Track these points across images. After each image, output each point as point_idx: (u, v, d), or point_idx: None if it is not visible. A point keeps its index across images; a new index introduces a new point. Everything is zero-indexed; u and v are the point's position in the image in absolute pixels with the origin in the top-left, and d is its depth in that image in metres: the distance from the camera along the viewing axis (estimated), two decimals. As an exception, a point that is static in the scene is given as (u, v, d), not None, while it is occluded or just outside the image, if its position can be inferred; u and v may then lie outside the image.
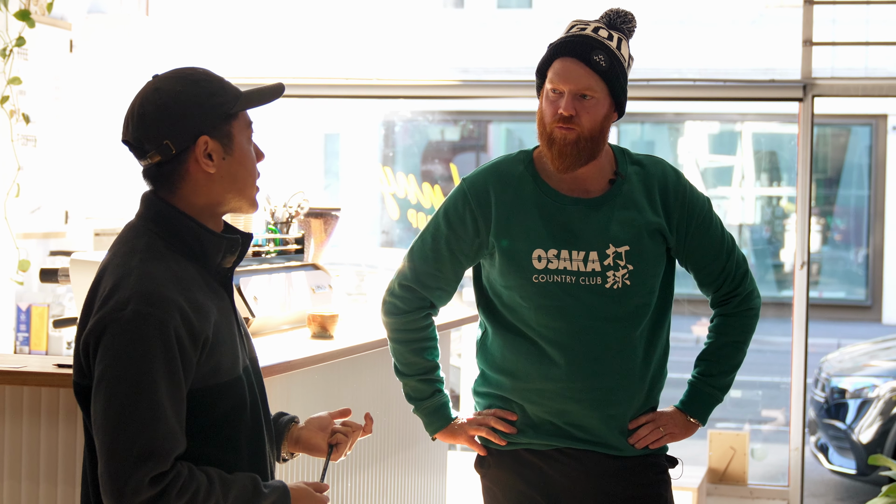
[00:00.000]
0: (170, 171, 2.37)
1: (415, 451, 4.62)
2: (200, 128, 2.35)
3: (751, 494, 6.07)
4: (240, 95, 2.41)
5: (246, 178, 2.42)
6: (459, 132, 12.48)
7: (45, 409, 3.24)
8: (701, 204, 3.11)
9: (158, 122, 2.35)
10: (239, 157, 2.41)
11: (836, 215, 14.52)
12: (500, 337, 3.09)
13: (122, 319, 2.23)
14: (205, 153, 2.36)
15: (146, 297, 2.25)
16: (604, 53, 2.97)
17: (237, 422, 2.39)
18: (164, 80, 2.39)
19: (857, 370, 7.67)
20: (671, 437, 3.13)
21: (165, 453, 2.21)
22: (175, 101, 2.35)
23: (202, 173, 2.37)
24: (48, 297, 5.49)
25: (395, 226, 8.21)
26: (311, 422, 2.70)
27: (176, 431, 2.24)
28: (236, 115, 2.40)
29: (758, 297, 3.22)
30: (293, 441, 2.68)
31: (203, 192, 2.39)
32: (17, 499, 3.25)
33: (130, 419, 2.20)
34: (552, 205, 3.03)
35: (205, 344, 2.31)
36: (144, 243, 2.35)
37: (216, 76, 2.43)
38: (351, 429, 2.71)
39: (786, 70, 6.25)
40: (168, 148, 2.35)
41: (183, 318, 2.27)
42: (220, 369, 2.34)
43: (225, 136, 2.38)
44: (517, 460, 3.10)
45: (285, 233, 4.50)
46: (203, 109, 2.35)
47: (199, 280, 2.37)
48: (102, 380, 2.23)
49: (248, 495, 2.33)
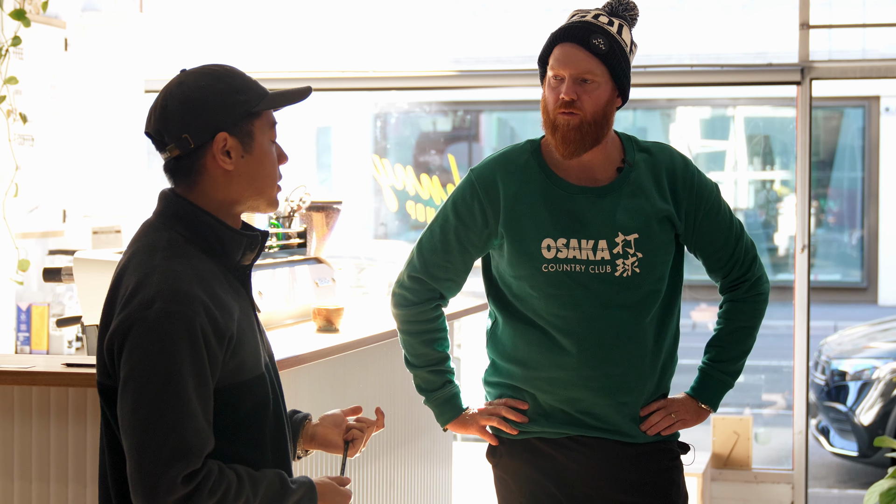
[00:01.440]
0: (188, 165, 2.36)
1: (420, 442, 4.62)
2: (219, 124, 2.34)
3: (755, 479, 6.08)
4: (265, 95, 2.39)
5: (265, 178, 2.40)
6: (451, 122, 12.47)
7: (54, 408, 3.23)
8: (709, 190, 3.11)
9: (179, 115, 2.33)
10: (259, 156, 2.38)
11: (830, 198, 14.54)
12: (511, 327, 3.09)
13: (149, 318, 2.22)
14: (223, 150, 2.35)
15: (172, 295, 2.23)
16: (603, 37, 2.97)
17: (262, 419, 2.38)
18: (190, 74, 2.37)
19: (856, 352, 7.68)
20: (683, 423, 3.13)
21: (197, 451, 2.20)
22: (197, 96, 2.33)
23: (220, 170, 2.36)
24: (48, 297, 5.48)
25: (393, 218, 8.20)
26: (325, 419, 2.69)
27: (205, 429, 2.23)
28: (259, 114, 2.38)
29: (767, 281, 3.22)
30: (308, 438, 2.67)
31: (221, 189, 2.37)
32: (28, 499, 3.24)
33: (161, 419, 2.19)
34: (560, 194, 3.02)
35: (230, 341, 2.30)
36: (166, 240, 2.33)
37: (243, 74, 2.41)
38: (365, 424, 2.71)
39: (779, 54, 6.24)
40: (187, 142, 2.33)
41: (208, 316, 2.25)
42: (244, 367, 2.33)
43: (245, 135, 2.36)
44: (529, 449, 3.10)
45: (287, 227, 4.49)
46: (223, 106, 2.34)
47: (220, 277, 2.35)
48: (130, 379, 2.21)
49: (275, 491, 2.32)
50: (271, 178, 2.41)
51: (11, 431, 3.25)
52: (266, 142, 2.40)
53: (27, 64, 5.42)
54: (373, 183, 8.27)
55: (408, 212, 7.47)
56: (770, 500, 6.05)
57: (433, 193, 7.31)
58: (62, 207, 5.75)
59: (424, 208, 7.30)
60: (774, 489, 6.05)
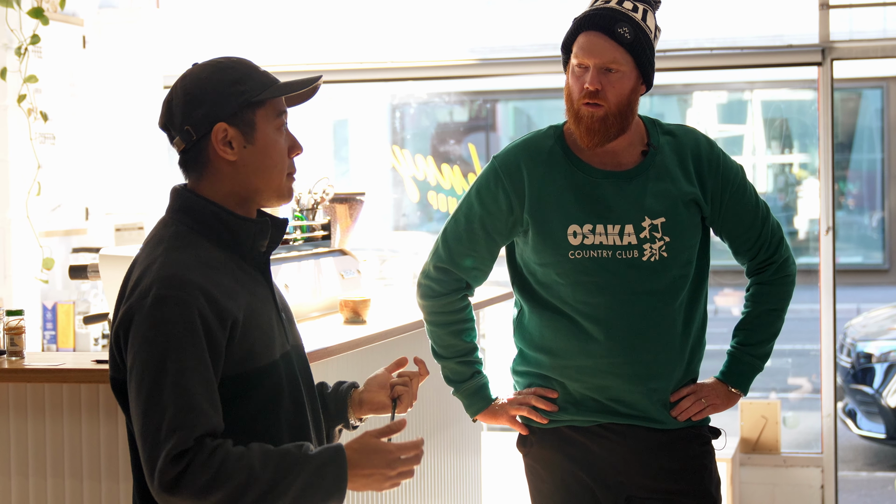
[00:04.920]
0: (194, 158, 2.37)
1: (449, 432, 4.61)
2: (217, 114, 2.34)
3: (784, 462, 6.06)
4: (269, 84, 2.38)
5: (270, 168, 2.39)
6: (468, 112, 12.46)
7: (85, 405, 3.23)
8: (735, 172, 3.09)
9: (181, 108, 2.35)
10: (262, 146, 2.37)
11: (850, 180, 14.48)
12: (538, 315, 3.08)
13: (146, 306, 2.23)
14: (223, 140, 2.35)
15: (166, 281, 2.24)
16: (628, 25, 2.94)
17: (277, 408, 2.36)
18: (196, 67, 2.39)
19: (882, 334, 7.65)
20: (713, 408, 3.11)
21: (187, 430, 2.17)
22: (196, 88, 2.35)
23: (223, 161, 2.36)
24: (73, 295, 5.49)
25: (414, 209, 8.18)
26: (369, 382, 2.66)
27: (203, 410, 2.20)
28: (263, 103, 2.37)
29: (793, 263, 3.20)
30: (357, 405, 2.65)
31: (226, 180, 2.38)
32: (62, 496, 3.25)
33: (157, 402, 2.19)
34: (585, 179, 3.01)
35: (234, 326, 2.28)
36: (171, 233, 2.35)
37: (249, 65, 2.40)
38: (409, 377, 2.67)
39: (796, 35, 6.20)
40: (189, 134, 2.35)
41: (207, 299, 2.25)
42: (253, 353, 2.32)
43: (246, 125, 2.36)
44: (560, 438, 3.09)
45: (311, 219, 4.48)
46: (221, 96, 2.34)
47: (230, 266, 2.35)
48: (133, 368, 2.23)
49: (291, 461, 2.24)
50: (278, 168, 2.40)
51: (43, 429, 3.25)
52: (270, 131, 2.39)
53: (46, 62, 5.43)
54: (392, 174, 8.26)
55: (429, 202, 7.46)
56: (800, 483, 6.03)
57: (454, 183, 7.30)
58: (84, 205, 5.76)
59: (446, 198, 7.29)
60: (804, 473, 6.03)
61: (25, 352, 3.36)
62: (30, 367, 3.23)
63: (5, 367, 3.24)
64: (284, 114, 2.42)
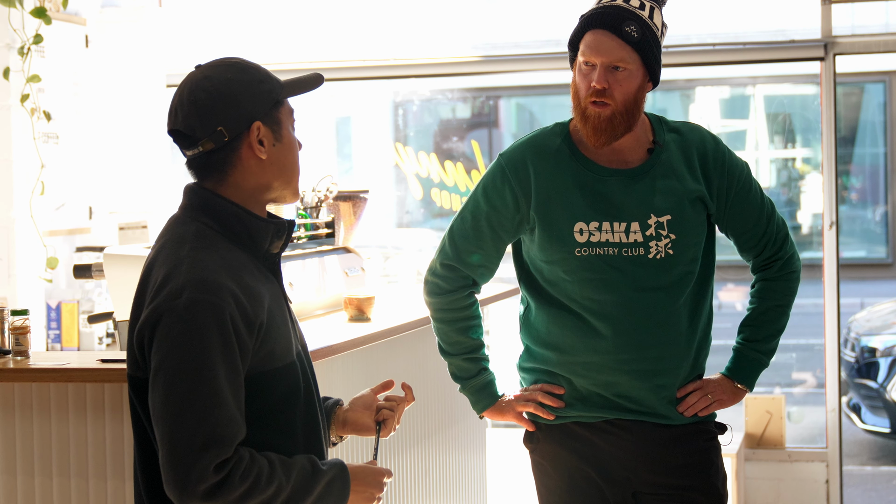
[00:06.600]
0: (222, 158, 2.37)
1: (454, 429, 4.61)
2: (254, 113, 2.35)
3: (789, 458, 6.06)
4: (283, 84, 2.41)
5: (293, 165, 2.43)
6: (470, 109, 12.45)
7: (90, 405, 3.23)
8: (740, 169, 3.09)
9: (212, 108, 2.34)
10: (287, 143, 2.41)
11: (853, 174, 14.46)
12: (544, 311, 3.08)
13: (178, 308, 2.23)
14: (258, 139, 2.36)
15: (200, 285, 2.24)
16: (635, 24, 2.94)
17: (293, 407, 2.39)
18: (212, 68, 2.38)
19: (886, 328, 7.65)
20: (719, 403, 3.12)
21: (228, 440, 2.21)
22: (228, 88, 2.35)
23: (254, 159, 2.37)
24: (77, 294, 5.49)
25: (417, 206, 8.19)
26: (355, 402, 2.69)
27: (237, 417, 2.24)
28: (283, 101, 2.41)
29: (798, 259, 3.20)
30: (340, 424, 2.67)
31: (252, 179, 2.39)
32: (68, 495, 3.25)
33: (192, 408, 2.19)
34: (591, 177, 3.01)
35: (260, 329, 2.30)
36: (193, 232, 2.35)
37: (258, 65, 2.44)
38: (395, 402, 2.71)
39: (798, 30, 6.20)
40: (221, 134, 2.34)
41: (237, 304, 2.26)
42: (274, 354, 2.34)
43: (275, 123, 2.39)
44: (566, 434, 3.09)
45: (315, 217, 4.48)
46: (255, 95, 2.36)
47: (249, 266, 2.36)
48: (161, 370, 2.22)
49: (308, 475, 2.33)
50: (297, 164, 2.44)
51: (48, 428, 3.26)
52: (290, 129, 2.43)
53: (49, 62, 5.43)
54: (395, 171, 8.26)
55: (433, 199, 7.46)
56: (804, 478, 6.03)
57: (457, 180, 7.30)
58: (88, 204, 5.76)
59: (450, 195, 7.29)
60: (809, 468, 6.03)
61: (30, 351, 3.36)
62: (35, 366, 3.23)
63: (10, 367, 3.24)
64: (293, 112, 2.45)
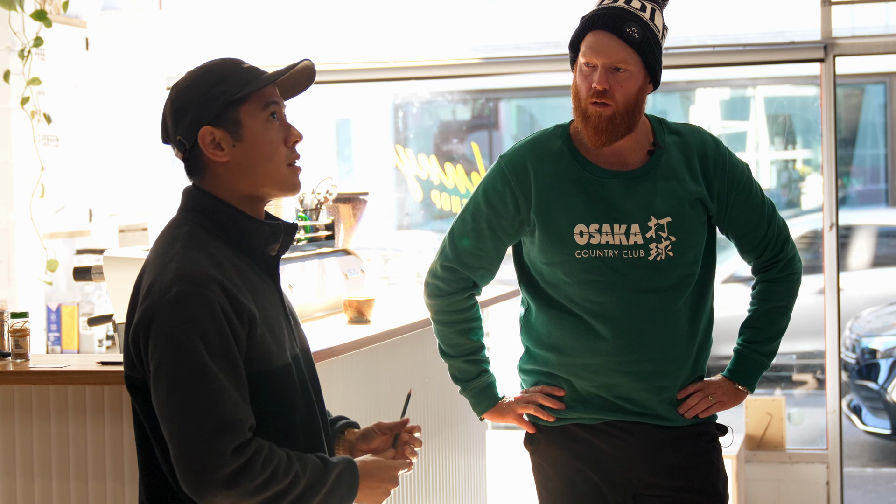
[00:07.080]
0: (193, 164, 2.39)
1: (454, 431, 4.61)
2: (200, 119, 2.35)
3: (790, 459, 6.05)
4: (251, 79, 2.37)
5: (264, 162, 2.38)
6: (470, 111, 12.45)
7: (90, 407, 3.23)
8: (741, 171, 3.09)
9: (171, 118, 2.39)
10: (251, 141, 2.37)
11: (853, 175, 14.45)
12: (545, 313, 3.08)
13: (168, 304, 2.23)
14: (212, 143, 2.36)
15: (187, 278, 2.25)
16: (637, 25, 2.94)
17: (291, 409, 2.38)
18: (187, 74, 2.42)
19: (886, 329, 7.64)
20: (720, 405, 3.12)
21: (239, 423, 2.21)
22: (178, 98, 2.38)
23: (216, 164, 2.37)
24: (77, 296, 5.50)
25: (417, 208, 8.19)
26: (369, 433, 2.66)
27: (241, 402, 2.23)
28: (245, 99, 2.37)
29: (799, 261, 3.20)
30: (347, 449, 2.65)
31: (225, 181, 2.39)
32: (67, 498, 3.25)
33: (197, 398, 2.19)
34: (592, 179, 3.01)
35: (251, 320, 2.30)
36: (185, 232, 2.36)
37: (233, 64, 2.41)
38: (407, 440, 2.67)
39: (798, 31, 6.20)
40: (182, 144, 2.37)
41: (225, 293, 2.26)
42: (270, 355, 2.33)
43: (231, 123, 2.36)
44: (567, 435, 3.09)
45: (315, 219, 4.48)
46: (202, 100, 2.35)
47: (241, 266, 2.36)
48: (160, 368, 2.22)
49: (319, 470, 2.33)
50: (273, 160, 2.39)
51: (48, 431, 3.25)
52: (257, 126, 2.38)
53: (49, 64, 5.43)
54: (395, 173, 8.26)
55: (433, 201, 7.46)
56: (805, 480, 6.02)
57: (457, 182, 7.30)
58: (88, 207, 5.77)
59: (449, 197, 7.29)
60: (809, 469, 6.02)
61: (30, 354, 3.36)
62: (35, 369, 3.23)
63: (10, 370, 3.24)
64: (274, 104, 2.40)
